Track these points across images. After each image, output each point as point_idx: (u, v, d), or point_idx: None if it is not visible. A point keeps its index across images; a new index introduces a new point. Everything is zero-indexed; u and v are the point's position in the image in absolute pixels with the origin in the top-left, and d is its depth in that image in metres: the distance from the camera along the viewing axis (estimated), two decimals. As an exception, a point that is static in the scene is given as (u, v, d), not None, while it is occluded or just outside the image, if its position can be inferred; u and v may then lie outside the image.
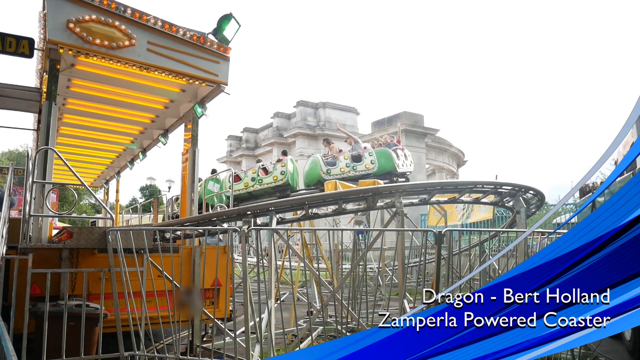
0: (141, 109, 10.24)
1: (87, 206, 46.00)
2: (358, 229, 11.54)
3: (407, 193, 9.20)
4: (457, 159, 36.93)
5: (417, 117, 29.95)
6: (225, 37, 8.46)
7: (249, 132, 52.77)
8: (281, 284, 12.75)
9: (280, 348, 7.69)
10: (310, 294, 10.87)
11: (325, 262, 11.39)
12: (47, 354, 5.56)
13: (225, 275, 7.59)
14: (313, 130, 45.11)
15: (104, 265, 6.44)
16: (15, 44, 6.98)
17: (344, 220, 15.92)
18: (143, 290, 6.14)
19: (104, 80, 8.58)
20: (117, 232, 6.31)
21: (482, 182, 9.81)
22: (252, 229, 6.65)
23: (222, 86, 8.69)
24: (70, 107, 9.93)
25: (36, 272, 5.69)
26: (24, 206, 6.58)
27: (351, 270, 8.89)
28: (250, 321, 6.05)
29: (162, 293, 6.33)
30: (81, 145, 12.96)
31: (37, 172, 6.81)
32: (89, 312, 5.92)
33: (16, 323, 5.53)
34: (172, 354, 6.39)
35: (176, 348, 6.36)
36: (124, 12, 7.50)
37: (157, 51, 7.86)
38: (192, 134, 9.60)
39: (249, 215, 8.25)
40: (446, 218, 17.74)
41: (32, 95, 9.15)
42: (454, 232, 7.07)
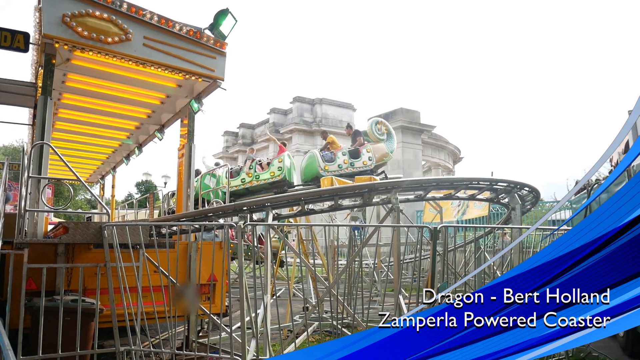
0: (137, 104, 10.19)
1: (82, 201, 45.87)
2: (354, 225, 11.57)
3: (403, 189, 9.21)
4: (453, 156, 37.02)
5: (413, 113, 30.00)
6: (221, 32, 8.42)
7: (245, 128, 52.66)
8: (277, 279, 12.76)
9: (276, 343, 7.70)
10: (306, 289, 10.89)
11: (321, 258, 11.41)
12: (43, 349, 5.55)
13: (221, 270, 7.60)
14: (309, 126, 45.06)
15: (99, 260, 6.43)
16: (11, 39, 6.93)
17: (340, 216, 15.95)
18: (139, 285, 6.13)
19: (99, 75, 8.53)
20: (113, 228, 6.29)
21: (477, 178, 9.84)
22: (248, 224, 6.65)
23: (219, 82, 8.66)
24: (66, 102, 9.88)
25: (32, 267, 5.68)
26: (20, 201, 6.55)
27: (347, 266, 8.91)
28: (246, 316, 6.05)
29: (158, 288, 6.32)
30: (77, 141, 12.88)
31: (32, 167, 6.79)
32: (84, 307, 5.91)
33: (12, 318, 5.52)
34: (168, 349, 6.40)
35: (172, 343, 6.37)
36: (120, 7, 7.45)
37: (153, 46, 7.82)
38: (189, 129, 9.57)
39: (245, 211, 8.26)
40: (442, 214, 17.84)
41: (27, 90, 9.09)
42: (450, 229, 7.07)
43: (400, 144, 28.80)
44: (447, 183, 10.17)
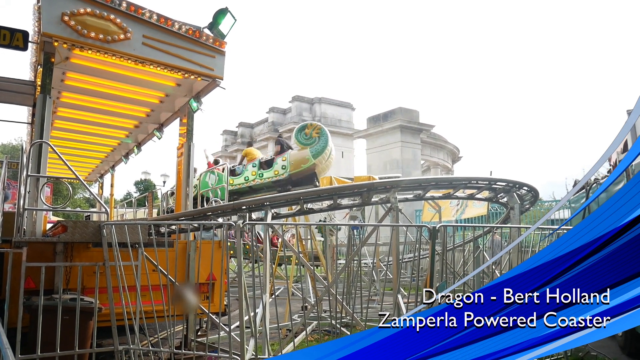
0: (136, 103, 10.19)
1: (81, 200, 45.85)
2: (353, 224, 11.57)
3: (402, 189, 9.20)
4: (452, 155, 37.02)
5: (412, 113, 30.00)
6: (221, 31, 8.42)
7: (244, 127, 52.73)
8: (276, 278, 12.76)
9: (274, 343, 7.70)
10: (304, 288, 10.89)
11: (320, 257, 11.41)
12: (41, 348, 5.54)
13: (220, 269, 7.60)
14: (308, 125, 45.03)
15: (98, 259, 6.42)
16: (10, 37, 6.92)
17: (339, 216, 15.94)
18: (138, 284, 6.13)
19: (98, 73, 8.52)
20: (112, 226, 6.29)
21: (476, 178, 9.82)
22: (247, 223, 6.65)
23: (218, 81, 8.65)
24: (65, 100, 9.87)
25: (30, 265, 5.66)
26: (18, 200, 6.55)
27: (345, 265, 8.91)
28: (245, 316, 6.05)
29: (157, 287, 6.32)
30: (76, 139, 12.88)
31: (31, 165, 6.78)
32: (83, 306, 5.90)
33: (10, 317, 5.53)
34: (166, 348, 6.39)
35: (171, 342, 6.36)
36: (119, 6, 7.45)
37: (152, 45, 7.81)
38: (188, 128, 9.56)
39: (244, 210, 8.25)
40: (440, 214, 17.82)
41: (26, 88, 9.08)
42: (448, 228, 7.08)
43: (399, 143, 28.86)
44: (446, 182, 10.14)
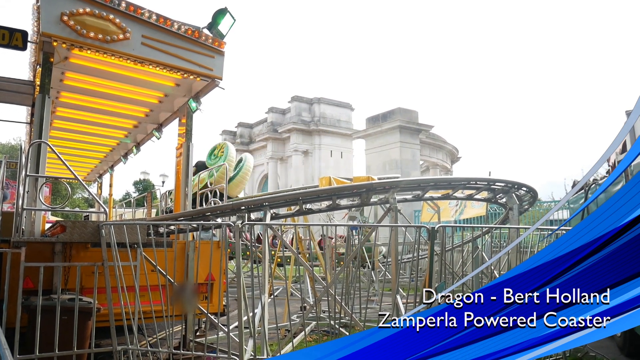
0: (135, 103, 10.18)
1: (80, 200, 45.79)
2: (352, 225, 11.57)
3: (400, 189, 9.20)
4: (451, 156, 37.07)
5: (411, 113, 30.05)
6: (220, 31, 8.40)
7: (243, 127, 52.65)
8: (275, 279, 12.74)
9: (273, 343, 7.70)
10: (303, 289, 10.88)
11: (319, 257, 11.40)
12: (40, 348, 5.53)
13: (219, 270, 7.59)
14: (308, 125, 45.06)
15: (97, 259, 6.41)
16: (9, 37, 6.91)
17: (337, 216, 15.93)
18: (136, 284, 6.12)
19: (97, 73, 8.51)
20: (111, 226, 6.28)
21: (475, 178, 9.83)
22: (246, 223, 6.64)
23: (217, 81, 8.64)
24: (64, 100, 9.86)
25: (29, 265, 5.65)
26: (17, 200, 6.54)
27: (344, 265, 8.90)
28: (243, 316, 6.04)
29: (156, 287, 6.31)
30: (75, 139, 12.87)
31: (30, 165, 6.76)
32: (81, 306, 5.89)
33: (9, 317, 5.51)
34: (165, 348, 6.38)
35: (169, 342, 6.35)
36: (119, 6, 7.43)
37: (151, 45, 7.80)
38: (187, 128, 9.55)
39: (243, 210, 8.24)
40: (439, 214, 17.82)
41: (25, 88, 9.06)
42: (447, 228, 7.08)
43: (398, 144, 28.90)
44: (445, 183, 10.15)
